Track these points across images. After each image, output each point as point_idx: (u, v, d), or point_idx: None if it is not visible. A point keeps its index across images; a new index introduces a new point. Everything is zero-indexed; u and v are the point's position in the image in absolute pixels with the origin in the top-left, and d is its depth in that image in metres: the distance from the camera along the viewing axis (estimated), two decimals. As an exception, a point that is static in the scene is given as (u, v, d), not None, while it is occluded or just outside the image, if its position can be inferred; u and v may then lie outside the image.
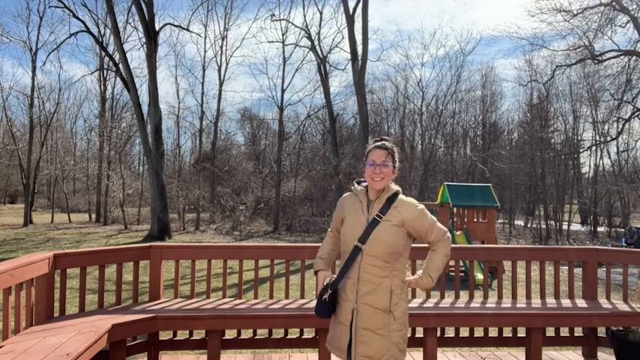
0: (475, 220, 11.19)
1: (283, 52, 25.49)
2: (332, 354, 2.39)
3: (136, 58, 57.53)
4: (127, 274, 7.89)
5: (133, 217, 25.01)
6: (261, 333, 3.99)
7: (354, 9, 19.00)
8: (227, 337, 3.86)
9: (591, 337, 4.14)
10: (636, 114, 17.89)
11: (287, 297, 4.19)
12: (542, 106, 26.04)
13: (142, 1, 17.76)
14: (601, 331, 4.26)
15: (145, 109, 19.40)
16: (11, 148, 29.57)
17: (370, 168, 2.35)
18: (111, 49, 23.46)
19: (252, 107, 52.16)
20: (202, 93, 26.64)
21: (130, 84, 18.33)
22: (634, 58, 16.89)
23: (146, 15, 17.86)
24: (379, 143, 2.40)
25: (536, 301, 4.04)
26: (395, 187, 2.42)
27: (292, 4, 49.71)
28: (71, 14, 20.77)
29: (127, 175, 24.19)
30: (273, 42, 27.09)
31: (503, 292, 4.78)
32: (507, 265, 9.60)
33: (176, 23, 23.52)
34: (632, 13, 16.01)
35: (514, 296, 4.15)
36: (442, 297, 4.18)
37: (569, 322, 3.83)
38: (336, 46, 31.84)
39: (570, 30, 17.80)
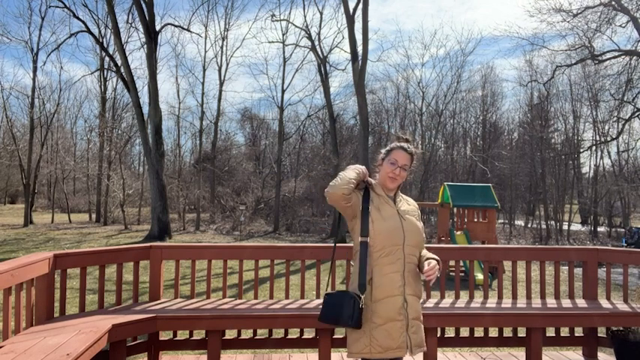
0: (475, 220, 11.20)
1: (283, 52, 25.55)
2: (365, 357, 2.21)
3: (137, 59, 57.56)
4: (127, 274, 7.89)
5: (133, 217, 25.01)
6: (262, 333, 3.98)
7: (354, 9, 19.00)
8: (227, 337, 3.86)
9: (591, 337, 4.14)
10: (636, 114, 17.89)
11: (287, 297, 4.19)
12: (543, 106, 26.04)
13: (142, 1, 17.76)
14: (601, 331, 4.26)
15: (145, 109, 19.41)
16: (11, 148, 29.58)
17: (391, 167, 2.34)
18: (111, 49, 23.48)
19: (252, 107, 52.24)
20: (202, 93, 26.66)
21: (130, 84, 18.33)
22: (634, 58, 16.89)
23: (146, 15, 17.86)
24: (406, 145, 2.37)
25: (536, 301, 4.04)
26: None
27: (292, 4, 49.82)
28: (71, 14, 20.80)
29: (127, 175, 24.20)
30: (273, 42, 27.10)
31: (503, 292, 4.77)
32: (507, 265, 9.59)
33: (176, 23, 23.55)
34: (632, 13, 16.00)
35: (514, 296, 4.15)
36: (442, 297, 4.18)
37: (570, 322, 3.83)
38: (336, 46, 31.98)
39: (570, 30, 17.83)
